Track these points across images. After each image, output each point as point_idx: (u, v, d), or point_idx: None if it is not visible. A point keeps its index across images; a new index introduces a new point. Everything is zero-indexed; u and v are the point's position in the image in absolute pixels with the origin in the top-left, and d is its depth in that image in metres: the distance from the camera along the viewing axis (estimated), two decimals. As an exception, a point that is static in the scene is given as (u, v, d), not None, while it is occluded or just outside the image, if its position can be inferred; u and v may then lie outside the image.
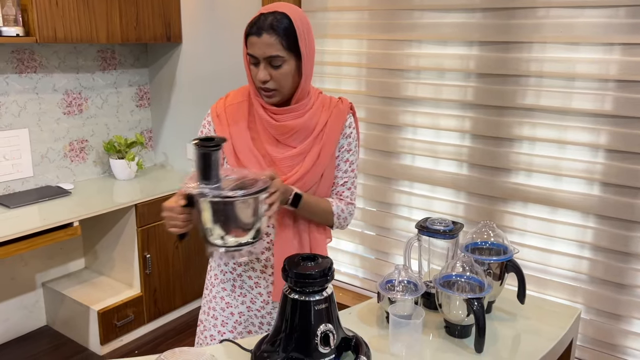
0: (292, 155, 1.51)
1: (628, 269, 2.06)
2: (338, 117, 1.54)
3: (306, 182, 1.51)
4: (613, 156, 2.04)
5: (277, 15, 1.40)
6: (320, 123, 1.53)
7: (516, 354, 1.42)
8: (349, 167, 1.60)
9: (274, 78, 1.43)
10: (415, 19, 2.39)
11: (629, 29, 1.92)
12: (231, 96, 1.59)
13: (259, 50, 1.41)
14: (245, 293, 1.62)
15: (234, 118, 1.53)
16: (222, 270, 1.64)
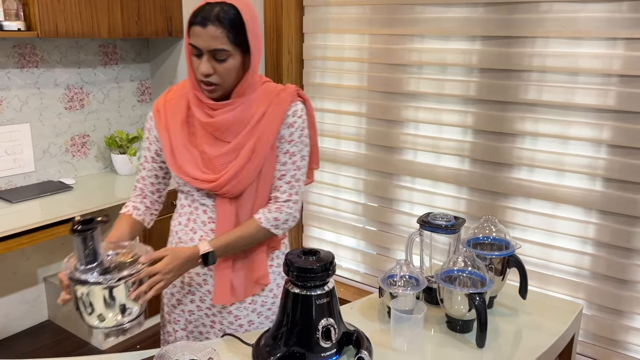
0: (226, 152, 1.41)
1: (630, 265, 2.06)
2: (278, 106, 1.42)
3: (241, 179, 1.41)
4: (616, 151, 2.03)
5: (225, 5, 1.31)
6: (258, 114, 1.42)
7: (517, 350, 1.42)
8: (289, 159, 1.46)
9: (217, 72, 1.34)
10: (417, 14, 2.38)
11: (632, 24, 1.91)
12: (173, 90, 1.51)
13: (202, 42, 1.31)
14: (194, 291, 1.54)
15: (172, 113, 1.46)
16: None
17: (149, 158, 1.53)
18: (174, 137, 1.45)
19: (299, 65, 2.83)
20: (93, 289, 1.21)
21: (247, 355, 1.33)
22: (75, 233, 1.21)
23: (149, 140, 1.52)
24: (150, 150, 1.52)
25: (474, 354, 1.38)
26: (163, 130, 1.46)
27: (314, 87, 2.80)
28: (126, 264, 1.26)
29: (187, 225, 1.51)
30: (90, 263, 1.23)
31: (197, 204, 1.49)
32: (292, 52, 2.78)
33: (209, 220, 1.48)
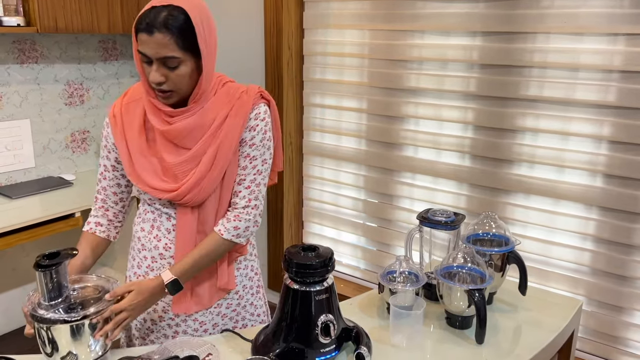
0: (187, 159, 1.35)
1: (630, 261, 2.06)
2: (240, 110, 1.37)
3: (203, 188, 1.36)
4: (616, 148, 2.02)
5: (172, 10, 1.22)
6: (219, 118, 1.36)
7: (517, 346, 1.42)
8: (249, 164, 1.41)
9: (169, 79, 1.26)
10: (417, 9, 2.37)
11: (633, 19, 1.90)
12: (129, 93, 1.43)
13: (150, 49, 1.23)
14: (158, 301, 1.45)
15: (129, 119, 1.39)
16: (135, 273, 1.52)
17: (109, 167, 1.46)
18: (132, 145, 1.38)
19: (299, 61, 2.82)
20: (56, 327, 1.18)
21: (246, 351, 1.34)
22: (40, 268, 1.17)
23: (107, 148, 1.45)
24: (109, 159, 1.45)
25: (474, 350, 1.38)
26: (120, 138, 1.39)
27: (314, 83, 2.80)
28: (91, 301, 1.23)
29: (150, 232, 1.46)
30: (54, 299, 1.20)
31: (159, 212, 1.44)
32: (292, 48, 2.77)
33: (173, 227, 1.43)
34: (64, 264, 1.21)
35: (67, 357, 1.20)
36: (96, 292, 1.28)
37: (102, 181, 1.49)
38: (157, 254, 1.46)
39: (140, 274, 1.50)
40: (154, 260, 1.47)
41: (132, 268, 1.54)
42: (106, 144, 1.45)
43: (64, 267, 1.21)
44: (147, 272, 1.49)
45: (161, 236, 1.45)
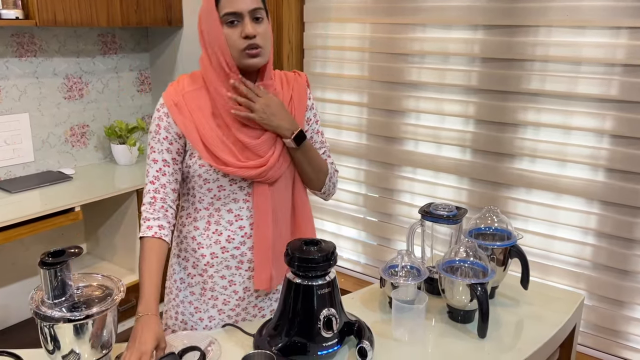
0: (266, 139, 1.40)
1: (632, 256, 2.06)
2: (301, 92, 1.50)
3: (282, 163, 1.43)
4: (618, 142, 2.02)
5: None
6: (286, 99, 1.46)
7: (519, 340, 1.42)
8: (322, 137, 1.58)
9: (259, 34, 1.32)
10: (419, 3, 2.36)
11: (636, 13, 1.89)
12: (185, 82, 1.42)
13: (242, 3, 1.30)
14: (217, 295, 1.49)
15: (196, 105, 1.38)
16: (189, 274, 1.51)
17: (169, 160, 1.39)
18: (203, 130, 1.37)
19: (299, 54, 2.81)
20: (59, 326, 1.17)
21: (248, 345, 1.33)
22: (45, 266, 1.17)
23: (167, 140, 1.39)
24: (170, 152, 1.39)
25: (476, 344, 1.38)
26: (189, 124, 1.37)
27: (314, 77, 2.79)
28: (95, 300, 1.22)
29: (207, 229, 1.45)
30: (58, 297, 1.19)
31: (219, 204, 1.44)
32: (292, 42, 2.76)
33: (235, 218, 1.44)
34: (68, 263, 1.20)
35: (69, 355, 1.20)
36: (100, 292, 1.27)
37: (160, 178, 1.39)
38: (219, 249, 1.45)
39: (195, 274, 1.50)
40: (214, 255, 1.46)
41: (185, 270, 1.51)
42: (167, 136, 1.39)
43: (69, 265, 1.21)
44: (205, 269, 1.48)
45: (221, 230, 1.45)
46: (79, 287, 1.27)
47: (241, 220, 1.45)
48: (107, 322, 1.23)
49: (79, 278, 1.30)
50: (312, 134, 1.54)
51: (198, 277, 1.50)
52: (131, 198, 2.81)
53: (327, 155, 1.58)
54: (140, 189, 2.79)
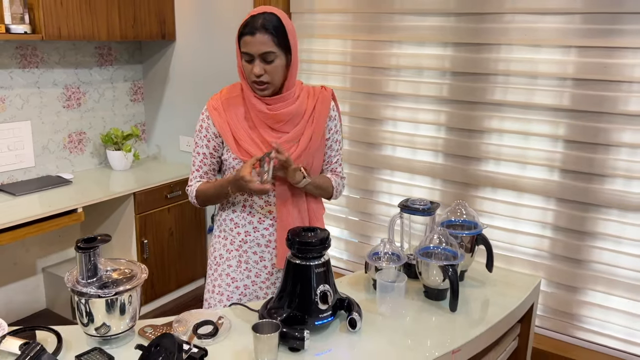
0: (288, 139, 1.69)
1: (584, 246, 2.32)
2: (324, 103, 1.75)
3: (301, 160, 1.70)
4: (570, 146, 2.29)
5: (267, 15, 1.58)
6: (309, 109, 1.72)
7: (485, 314, 1.65)
8: (339, 146, 1.85)
9: (267, 72, 1.60)
10: (395, 22, 2.61)
11: (583, 34, 2.17)
12: (225, 91, 1.74)
13: (253, 48, 1.57)
14: (251, 268, 1.79)
15: (231, 110, 1.70)
16: (227, 249, 1.81)
17: (207, 154, 1.74)
18: (235, 129, 1.68)
19: (286, 67, 3.02)
20: (93, 301, 1.36)
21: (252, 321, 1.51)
22: (80, 250, 1.38)
23: (207, 138, 1.73)
24: (208, 147, 1.73)
25: (448, 317, 1.61)
26: (224, 126, 1.68)
27: (300, 88, 3.01)
28: (123, 280, 1.42)
29: (243, 211, 1.75)
30: (91, 277, 1.39)
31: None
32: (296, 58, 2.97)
33: (265, 203, 1.74)
34: (100, 248, 1.40)
35: (101, 327, 1.39)
36: (126, 273, 1.46)
37: (202, 167, 1.76)
38: (251, 228, 1.76)
39: (232, 249, 1.79)
40: (248, 234, 1.78)
41: (225, 247, 1.80)
42: (206, 134, 1.72)
43: (99, 250, 1.41)
44: (241, 245, 1.79)
45: (254, 212, 1.75)
46: (108, 270, 1.47)
47: (270, 206, 1.75)
48: (133, 299, 1.43)
49: (106, 262, 1.49)
50: (332, 142, 1.81)
51: (235, 252, 1.79)
52: (128, 201, 2.98)
53: (339, 163, 1.86)
54: (137, 192, 2.97)
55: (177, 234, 3.25)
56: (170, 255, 3.23)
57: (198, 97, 3.30)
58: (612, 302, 2.31)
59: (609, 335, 2.34)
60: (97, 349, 1.38)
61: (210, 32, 3.14)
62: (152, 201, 3.04)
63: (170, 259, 3.23)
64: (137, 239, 3.01)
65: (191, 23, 3.21)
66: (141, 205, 2.99)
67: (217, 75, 3.19)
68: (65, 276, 1.44)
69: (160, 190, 3.08)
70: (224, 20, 3.09)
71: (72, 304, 1.45)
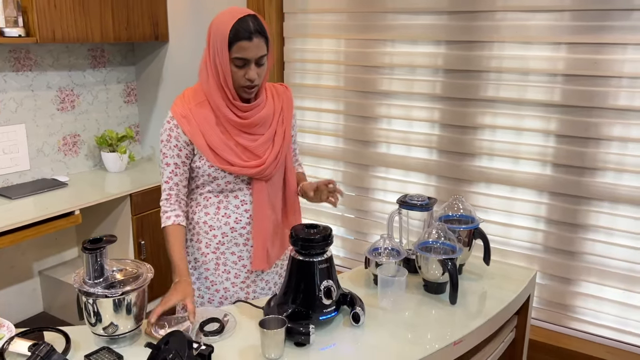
0: (263, 142, 1.68)
1: (576, 238, 2.37)
2: (289, 103, 1.78)
3: (279, 159, 1.72)
4: (562, 140, 2.34)
5: (254, 18, 1.54)
6: (277, 109, 1.73)
7: (483, 306, 1.68)
8: (297, 139, 1.95)
9: (259, 75, 1.59)
10: (388, 21, 2.65)
11: (572, 31, 2.22)
12: (190, 97, 1.64)
13: (252, 53, 1.53)
14: (229, 269, 1.76)
15: (202, 117, 1.62)
16: (202, 253, 1.76)
17: (179, 164, 1.66)
18: (209, 137, 1.62)
19: (280, 67, 3.05)
20: (101, 301, 1.38)
21: (258, 317, 1.55)
22: (86, 250, 1.38)
23: (177, 147, 1.63)
24: (180, 157, 1.65)
25: (448, 310, 1.65)
26: (196, 134, 1.61)
27: (294, 87, 3.03)
28: (130, 279, 1.43)
29: (217, 213, 1.72)
30: (97, 278, 1.40)
31: (227, 192, 1.70)
32: (273, 55, 3.00)
33: (241, 203, 1.72)
34: (106, 248, 1.42)
35: (108, 327, 1.41)
36: (132, 273, 1.48)
37: (173, 178, 1.67)
38: (228, 229, 1.74)
39: (208, 252, 1.76)
40: (225, 235, 1.74)
41: (199, 250, 1.77)
42: (176, 144, 1.64)
43: (106, 251, 1.42)
44: (218, 247, 1.75)
45: (230, 213, 1.72)
46: (114, 270, 1.48)
47: (246, 205, 1.73)
48: (139, 298, 1.45)
49: (112, 263, 1.51)
50: (294, 137, 1.86)
51: (211, 254, 1.76)
52: (124, 202, 2.99)
53: (298, 152, 1.94)
54: (133, 194, 2.98)
55: (173, 235, 3.25)
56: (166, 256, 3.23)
57: (192, 97, 3.30)
58: (605, 293, 2.36)
59: (602, 325, 2.39)
60: (105, 348, 1.40)
61: (203, 33, 3.16)
62: (148, 202, 3.04)
63: (167, 259, 3.23)
64: (135, 240, 3.02)
65: (184, 24, 3.22)
66: (138, 207, 3.00)
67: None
68: (72, 277, 1.45)
69: (156, 191, 3.09)
70: (217, 21, 3.10)
71: (78, 305, 1.45)
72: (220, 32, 1.53)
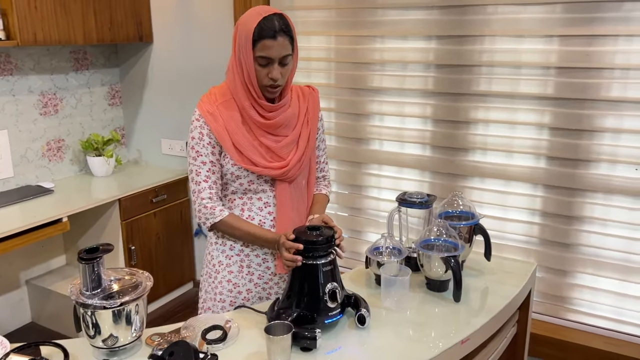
0: (287, 143, 1.67)
1: (572, 230, 2.38)
2: (315, 105, 1.75)
3: (303, 161, 1.70)
4: (556, 133, 2.34)
5: (280, 17, 1.52)
6: (302, 111, 1.71)
7: (486, 303, 1.68)
8: (325, 145, 1.87)
9: (282, 75, 1.56)
10: (378, 17, 2.62)
11: (565, 23, 2.22)
12: (217, 94, 1.64)
13: (275, 52, 1.51)
14: (253, 271, 1.74)
15: (228, 115, 1.61)
16: (227, 256, 1.74)
17: (215, 161, 1.64)
18: (235, 136, 1.60)
19: (268, 65, 3.01)
20: (99, 312, 1.33)
21: (261, 322, 1.52)
22: (83, 261, 1.34)
23: (210, 144, 1.62)
24: (214, 154, 1.63)
25: (452, 308, 1.63)
26: (222, 131, 1.60)
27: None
28: (129, 289, 1.39)
29: (241, 215, 1.70)
30: (95, 288, 1.36)
31: (250, 193, 1.68)
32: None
33: (264, 205, 1.70)
34: (103, 258, 1.37)
35: (108, 339, 1.36)
36: (131, 283, 1.43)
37: (211, 177, 1.64)
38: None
39: (232, 255, 1.74)
40: None
41: (223, 253, 1.74)
42: (209, 141, 1.62)
43: (102, 260, 1.37)
44: (242, 250, 1.73)
45: (253, 215, 1.70)
46: (112, 279, 1.44)
47: (269, 207, 1.71)
48: (139, 308, 1.40)
49: (109, 272, 1.46)
50: (319, 142, 1.82)
51: (236, 257, 1.74)
52: (113, 207, 2.93)
53: (326, 162, 1.88)
54: (122, 198, 2.91)
55: (164, 239, 3.20)
56: (158, 261, 3.18)
57: (178, 98, 3.25)
58: (601, 283, 2.37)
59: (599, 315, 2.40)
60: None
61: (189, 33, 3.10)
62: (137, 206, 2.98)
63: (158, 264, 3.19)
64: (125, 246, 2.96)
65: (168, 24, 3.15)
66: (127, 211, 2.94)
67: (196, 76, 3.14)
68: (69, 288, 1.41)
69: (145, 195, 3.03)
70: (202, 21, 3.05)
71: (75, 316, 1.41)
72: (246, 30, 1.52)
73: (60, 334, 2.98)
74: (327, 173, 1.90)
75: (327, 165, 1.90)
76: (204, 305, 1.82)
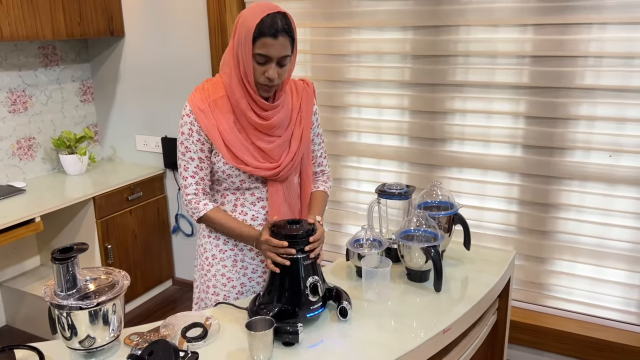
0: (280, 145, 1.64)
1: (548, 218, 2.41)
2: (309, 100, 1.71)
3: (295, 161, 1.67)
4: (531, 122, 2.36)
5: (283, 16, 1.48)
6: (295, 107, 1.67)
7: (467, 291, 1.68)
8: (322, 140, 1.83)
9: (279, 75, 1.53)
10: (353, 7, 2.60)
11: (539, 12, 2.23)
12: (210, 90, 1.59)
13: (274, 51, 1.47)
14: (247, 265, 1.73)
15: (220, 112, 1.58)
16: (220, 250, 1.73)
17: (204, 158, 1.62)
18: (226, 134, 1.57)
19: (243, 58, 2.97)
20: (75, 313, 1.30)
21: (242, 319, 1.50)
22: (56, 261, 1.30)
23: (200, 141, 1.59)
24: (203, 151, 1.61)
25: (433, 298, 1.64)
26: (213, 129, 1.56)
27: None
28: (105, 289, 1.36)
29: (234, 210, 1.68)
30: (70, 289, 1.32)
31: (242, 190, 1.66)
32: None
33: (257, 200, 1.68)
34: (77, 257, 1.34)
35: (85, 340, 1.33)
36: (107, 282, 1.40)
37: (199, 173, 1.63)
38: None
39: (226, 249, 1.73)
40: None
41: (217, 247, 1.73)
42: (199, 138, 1.59)
43: (77, 260, 1.34)
44: (236, 244, 1.72)
45: (247, 210, 1.68)
46: (87, 279, 1.40)
47: (262, 202, 1.69)
48: (117, 308, 1.37)
49: (84, 272, 1.43)
50: (314, 136, 1.78)
51: (229, 251, 1.73)
52: (87, 206, 2.87)
53: (324, 156, 1.85)
54: (96, 197, 2.86)
55: (141, 237, 3.15)
56: (135, 259, 3.13)
57: (152, 93, 3.19)
58: (577, 270, 2.41)
59: (575, 301, 2.44)
60: None
61: (161, 27, 3.04)
62: (113, 204, 2.93)
63: (136, 262, 3.14)
64: (101, 245, 2.90)
65: (140, 18, 3.09)
66: (102, 210, 2.88)
67: (170, 70, 3.09)
68: (42, 289, 1.37)
69: (120, 192, 2.97)
70: (175, 14, 2.99)
71: (50, 318, 1.37)
72: (247, 25, 1.48)
73: (36, 337, 2.92)
74: (326, 167, 1.87)
75: (325, 160, 1.86)
76: (199, 297, 1.82)
